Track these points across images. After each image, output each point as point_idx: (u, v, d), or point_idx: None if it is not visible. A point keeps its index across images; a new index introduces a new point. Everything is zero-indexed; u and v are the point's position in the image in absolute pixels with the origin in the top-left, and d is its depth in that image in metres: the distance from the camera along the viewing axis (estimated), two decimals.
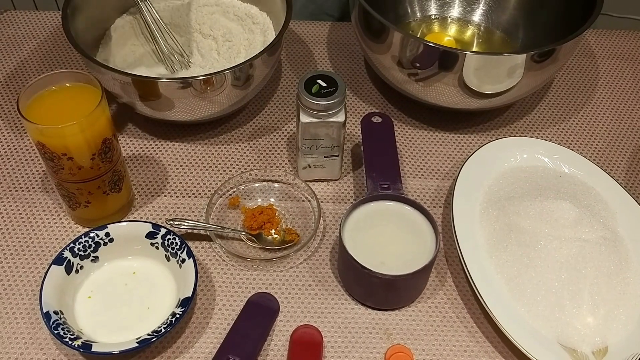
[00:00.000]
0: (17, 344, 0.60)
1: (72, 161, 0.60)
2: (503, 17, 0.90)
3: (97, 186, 0.64)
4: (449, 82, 0.72)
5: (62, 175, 0.62)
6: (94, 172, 0.62)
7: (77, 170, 0.61)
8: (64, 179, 0.63)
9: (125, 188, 0.68)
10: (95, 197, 0.65)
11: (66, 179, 0.63)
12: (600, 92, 0.88)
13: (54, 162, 0.60)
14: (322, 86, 0.66)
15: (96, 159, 0.62)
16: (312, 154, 0.71)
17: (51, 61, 0.87)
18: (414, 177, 0.76)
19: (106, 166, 0.63)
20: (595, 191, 0.70)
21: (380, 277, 0.59)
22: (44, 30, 0.91)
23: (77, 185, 0.63)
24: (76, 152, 0.60)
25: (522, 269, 0.63)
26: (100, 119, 0.60)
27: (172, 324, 0.57)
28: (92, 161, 0.61)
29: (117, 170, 0.65)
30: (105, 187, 0.65)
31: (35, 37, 0.90)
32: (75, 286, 0.62)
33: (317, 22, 0.95)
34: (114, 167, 0.64)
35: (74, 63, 0.87)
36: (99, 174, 0.63)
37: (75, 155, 0.60)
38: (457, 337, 0.62)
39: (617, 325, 0.60)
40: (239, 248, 0.67)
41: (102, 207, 0.67)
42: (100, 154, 0.61)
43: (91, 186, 0.64)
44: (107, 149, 0.62)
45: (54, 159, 0.60)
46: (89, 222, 0.68)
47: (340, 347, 0.61)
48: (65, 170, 0.61)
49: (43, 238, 0.68)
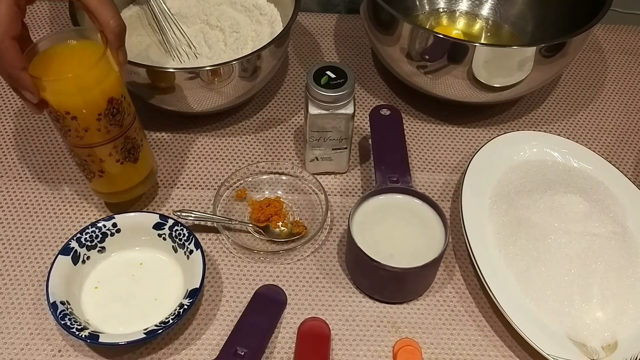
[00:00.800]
0: (23, 334, 0.59)
1: (77, 121, 0.57)
2: (512, 11, 0.89)
3: (108, 153, 0.60)
4: (458, 74, 0.72)
5: (70, 139, 0.59)
6: (101, 135, 0.59)
7: (84, 132, 0.58)
8: (73, 143, 0.59)
9: (144, 159, 0.64)
10: (109, 166, 0.61)
11: (75, 143, 0.59)
12: (609, 87, 0.87)
13: (60, 122, 0.57)
14: (331, 77, 0.66)
15: (103, 121, 0.58)
16: (319, 147, 0.70)
17: None
18: (422, 171, 0.75)
19: (116, 130, 0.59)
20: (605, 185, 0.70)
21: (389, 270, 0.58)
22: (52, 20, 0.91)
23: (87, 151, 0.60)
24: (79, 110, 0.56)
25: (532, 263, 0.62)
26: (106, 76, 0.57)
27: (180, 315, 0.56)
28: (98, 122, 0.57)
29: (130, 137, 0.61)
30: (117, 155, 0.61)
31: (44, 26, 0.89)
32: (82, 277, 0.61)
33: (325, 14, 0.94)
34: (125, 133, 0.60)
35: None
36: (108, 139, 0.59)
37: (78, 115, 0.56)
38: (465, 330, 0.62)
39: (627, 320, 0.60)
40: (246, 240, 0.67)
41: (119, 179, 0.64)
42: (107, 115, 0.57)
43: (102, 152, 0.60)
44: (115, 110, 0.58)
45: (59, 118, 0.57)
46: (107, 195, 0.65)
47: (347, 340, 0.60)
48: (72, 133, 0.58)
49: (49, 228, 0.67)
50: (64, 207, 0.69)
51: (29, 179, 0.72)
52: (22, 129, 0.77)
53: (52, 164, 0.73)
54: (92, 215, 0.69)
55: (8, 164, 0.73)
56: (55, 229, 0.67)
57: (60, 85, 0.55)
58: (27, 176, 0.72)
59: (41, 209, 0.69)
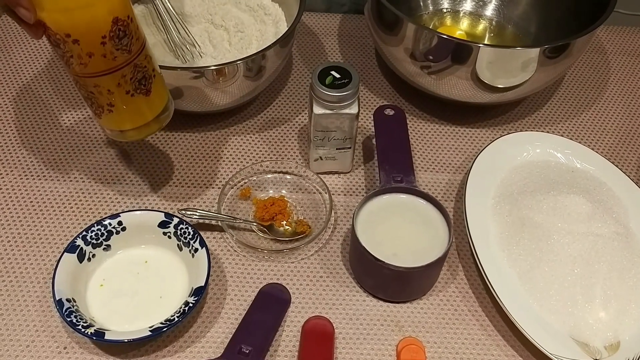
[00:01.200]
0: (29, 331, 0.60)
1: (79, 45, 0.52)
2: (515, 12, 0.89)
3: (116, 83, 0.55)
4: (462, 75, 0.72)
5: (74, 68, 0.54)
6: (107, 62, 0.54)
7: (88, 58, 0.53)
8: (77, 73, 0.55)
9: (156, 92, 0.59)
10: (118, 98, 0.56)
11: (79, 72, 0.54)
12: (612, 88, 0.88)
13: (61, 48, 0.52)
14: (336, 77, 0.66)
15: (108, 45, 0.53)
16: (324, 146, 0.70)
17: None
18: (425, 171, 0.76)
19: (123, 56, 0.54)
20: (608, 186, 0.70)
21: (393, 269, 0.59)
22: None
23: (93, 80, 0.55)
24: (80, 32, 0.51)
25: (535, 263, 0.63)
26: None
27: (185, 313, 0.57)
28: (103, 47, 0.53)
29: (140, 65, 0.56)
30: (127, 86, 0.56)
31: None
32: (88, 274, 0.62)
33: (329, 14, 0.95)
34: (134, 60, 0.55)
35: None
36: (115, 66, 0.54)
37: (80, 38, 0.52)
38: (468, 330, 0.62)
39: (630, 320, 0.60)
40: (250, 239, 0.67)
41: (130, 113, 0.58)
42: (112, 37, 0.53)
43: (109, 82, 0.55)
44: (122, 33, 0.53)
45: (59, 43, 0.52)
46: (119, 134, 0.60)
47: (351, 339, 0.61)
48: (74, 60, 0.53)
49: (55, 227, 0.68)
50: (70, 205, 0.70)
51: (34, 177, 0.72)
52: (29, 126, 0.77)
53: (58, 161, 0.74)
54: (98, 213, 0.69)
55: (14, 162, 0.74)
56: (61, 226, 0.68)
57: (58, 2, 0.50)
58: (32, 174, 0.72)
59: (47, 206, 0.69)
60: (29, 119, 0.78)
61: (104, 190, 0.71)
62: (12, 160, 0.74)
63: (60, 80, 0.83)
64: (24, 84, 0.82)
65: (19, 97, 0.81)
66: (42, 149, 0.75)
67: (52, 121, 0.78)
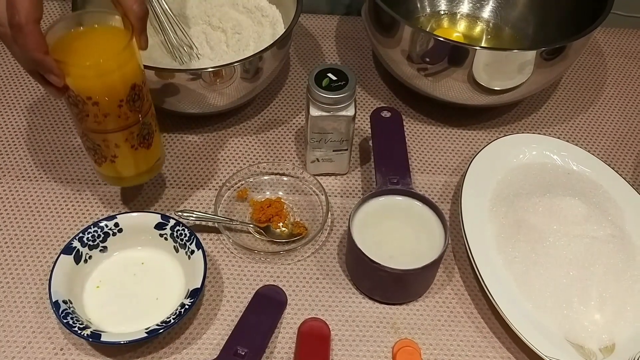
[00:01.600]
0: (25, 332, 0.60)
1: (98, 107, 0.55)
2: (513, 14, 0.90)
3: (124, 138, 0.59)
4: (459, 77, 0.72)
5: (87, 124, 0.57)
6: (121, 121, 0.57)
7: (103, 118, 0.56)
8: (89, 129, 0.58)
9: (156, 145, 0.63)
10: (123, 152, 0.60)
11: (91, 128, 0.58)
12: (609, 90, 0.88)
13: (79, 107, 0.56)
14: (333, 80, 0.66)
15: (124, 107, 0.57)
16: (320, 148, 0.71)
17: None
18: (422, 173, 0.76)
19: (135, 116, 0.58)
20: (604, 189, 0.70)
21: (389, 271, 0.59)
22: (54, 18, 0.91)
23: (103, 136, 0.58)
24: (102, 96, 0.55)
25: (530, 266, 0.63)
26: (130, 62, 0.56)
27: (181, 315, 0.57)
28: (119, 109, 0.56)
29: (147, 123, 0.60)
30: (133, 141, 0.60)
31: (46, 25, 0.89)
32: (84, 276, 0.62)
33: (326, 16, 0.95)
34: (143, 119, 0.60)
35: None
36: (126, 125, 0.58)
37: (100, 100, 0.55)
38: (464, 332, 0.62)
39: (625, 323, 0.60)
40: (247, 240, 0.67)
41: (130, 164, 0.62)
42: (128, 101, 0.56)
43: (118, 138, 0.59)
44: (137, 96, 0.57)
45: (78, 104, 0.55)
46: (116, 180, 0.64)
47: (347, 341, 0.61)
48: (90, 118, 0.56)
49: (52, 228, 0.68)
50: (67, 206, 0.70)
51: (31, 178, 0.72)
52: (25, 128, 0.77)
53: (54, 163, 0.74)
54: (95, 214, 0.69)
55: (10, 163, 0.74)
56: (58, 228, 0.68)
57: (85, 70, 0.54)
58: (29, 175, 0.72)
59: (44, 208, 0.69)
60: (25, 120, 0.78)
61: (101, 192, 0.71)
62: (8, 162, 0.74)
63: None
64: (19, 86, 0.82)
65: (14, 99, 0.81)
66: (38, 150, 0.75)
67: (49, 122, 0.78)
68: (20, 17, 0.49)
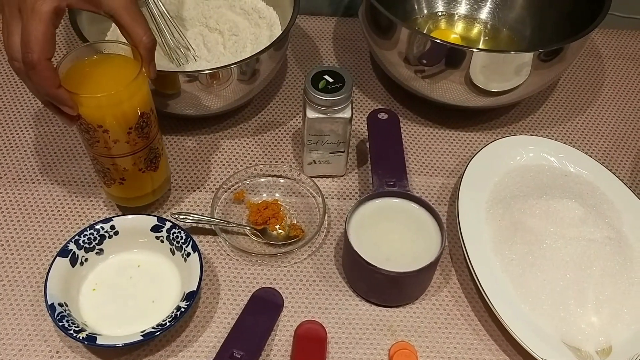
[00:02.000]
0: (21, 335, 0.60)
1: (108, 134, 0.58)
2: (510, 15, 0.90)
3: (132, 162, 0.62)
4: (456, 79, 0.72)
5: (97, 149, 0.60)
6: (129, 147, 0.60)
7: (113, 144, 0.59)
8: (99, 153, 0.60)
9: (162, 167, 0.66)
10: (131, 174, 0.63)
11: (101, 153, 0.60)
12: (606, 92, 0.88)
13: (90, 134, 0.58)
14: (329, 82, 0.66)
15: (132, 134, 0.59)
16: (317, 150, 0.70)
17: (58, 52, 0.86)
18: (419, 175, 0.76)
19: (143, 142, 0.61)
20: (601, 191, 0.70)
21: (385, 274, 0.59)
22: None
23: (112, 160, 0.61)
24: (112, 124, 0.57)
25: (527, 268, 0.63)
26: (139, 92, 0.58)
27: (177, 318, 0.57)
28: (128, 135, 0.59)
29: (154, 148, 0.63)
30: (141, 164, 0.63)
31: None
32: (80, 278, 0.62)
33: (323, 17, 0.95)
34: (150, 144, 0.62)
35: None
36: (134, 150, 0.61)
37: (110, 128, 0.58)
38: (461, 334, 0.62)
39: (622, 325, 0.60)
40: (243, 243, 0.67)
41: (138, 186, 0.65)
42: (137, 128, 0.59)
43: (126, 162, 0.61)
44: (145, 123, 0.60)
45: (89, 130, 0.58)
46: (124, 200, 0.67)
47: (344, 343, 0.61)
48: (100, 144, 0.59)
49: (47, 231, 0.68)
50: (62, 209, 0.70)
51: (27, 181, 0.72)
52: (21, 132, 0.77)
53: (50, 166, 0.74)
54: (91, 217, 0.69)
55: (7, 166, 0.73)
56: (54, 231, 0.68)
57: (97, 101, 0.56)
58: (25, 178, 0.72)
59: (39, 211, 0.69)
60: (22, 122, 0.78)
61: (97, 194, 0.71)
62: (4, 164, 0.74)
63: None
64: (16, 87, 0.82)
65: (10, 101, 0.81)
66: (34, 152, 0.75)
67: (46, 125, 0.78)
68: (33, 56, 0.51)
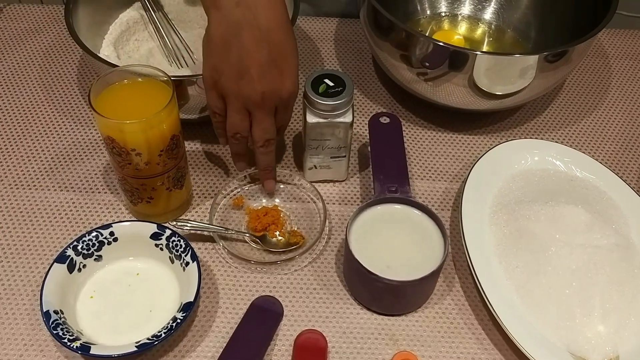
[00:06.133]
0: (17, 345, 0.59)
1: (140, 157, 0.59)
2: (515, 15, 0.88)
3: (160, 182, 0.63)
4: (459, 82, 0.71)
5: (127, 171, 0.61)
6: (160, 168, 0.62)
7: (144, 166, 0.60)
8: (129, 174, 0.62)
9: (186, 185, 0.68)
10: (158, 194, 0.64)
11: (131, 174, 0.62)
12: (613, 93, 0.86)
13: (122, 157, 0.59)
14: (330, 86, 0.65)
15: (163, 156, 0.61)
16: (318, 155, 0.69)
17: (55, 56, 0.86)
18: (422, 179, 0.74)
19: (172, 163, 0.62)
20: (608, 196, 0.69)
21: (387, 283, 0.58)
22: (48, 24, 0.90)
23: (142, 181, 0.62)
24: (146, 148, 0.59)
25: (532, 276, 0.61)
26: (171, 115, 0.59)
27: (172, 329, 0.56)
28: (159, 157, 0.60)
29: (181, 167, 0.64)
30: (168, 184, 0.64)
31: (40, 31, 0.89)
32: (78, 285, 0.61)
33: (324, 19, 0.93)
34: (178, 164, 0.64)
35: (78, 58, 0.86)
36: (164, 171, 0.62)
37: (144, 151, 0.59)
38: (464, 344, 0.61)
39: (629, 334, 0.59)
40: (242, 250, 0.66)
41: (164, 204, 0.66)
42: (167, 150, 0.61)
43: (155, 182, 0.63)
44: (175, 145, 0.61)
45: (122, 154, 0.59)
46: (149, 217, 0.67)
47: (345, 353, 0.60)
48: (131, 166, 0.60)
49: (45, 236, 0.67)
50: (61, 214, 0.69)
51: (25, 186, 0.71)
52: (19, 136, 0.76)
53: (49, 171, 0.73)
54: (89, 223, 0.68)
55: (4, 171, 0.73)
56: (52, 236, 0.67)
57: (132, 126, 0.57)
58: (23, 183, 0.72)
59: (37, 216, 0.69)
60: (20, 127, 0.77)
61: (96, 200, 0.70)
62: (2, 169, 0.73)
63: (51, 87, 0.82)
64: (15, 92, 0.81)
65: (9, 105, 0.80)
66: (32, 158, 0.74)
67: (43, 130, 0.77)
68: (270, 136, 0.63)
